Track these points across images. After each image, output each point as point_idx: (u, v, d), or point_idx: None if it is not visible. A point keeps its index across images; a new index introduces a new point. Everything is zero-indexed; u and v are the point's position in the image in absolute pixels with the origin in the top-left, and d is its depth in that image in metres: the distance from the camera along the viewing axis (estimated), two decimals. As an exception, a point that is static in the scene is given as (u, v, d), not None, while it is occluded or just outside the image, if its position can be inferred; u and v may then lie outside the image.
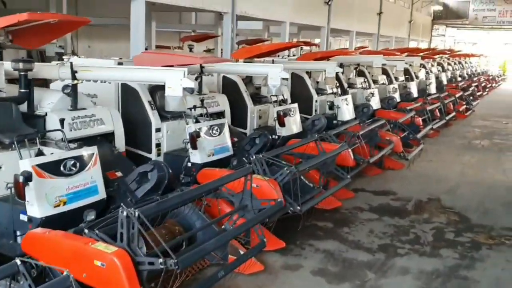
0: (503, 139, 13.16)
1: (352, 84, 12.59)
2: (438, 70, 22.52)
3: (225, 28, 12.19)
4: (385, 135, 9.09)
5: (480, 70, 34.05)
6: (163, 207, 3.70)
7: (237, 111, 8.00)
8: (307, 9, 16.99)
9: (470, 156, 10.85)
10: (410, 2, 30.79)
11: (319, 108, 10.14)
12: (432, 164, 10.00)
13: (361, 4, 22.00)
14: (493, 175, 9.28)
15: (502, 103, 22.43)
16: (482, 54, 39.57)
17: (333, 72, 8.84)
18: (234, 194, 4.78)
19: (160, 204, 3.64)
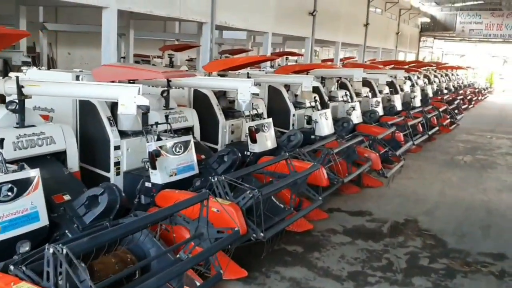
0: (486, 155, 12.96)
1: (334, 97, 12.36)
2: (424, 83, 22.44)
3: (203, 38, 11.90)
4: (363, 152, 8.81)
5: (467, 82, 34.18)
6: (96, 243, 3.34)
7: (208, 126, 7.68)
8: (291, 20, 16.78)
9: (451, 173, 10.61)
10: (397, 14, 30.84)
11: (296, 122, 9.85)
12: (412, 181, 9.74)
13: (347, 15, 21.89)
14: (473, 194, 9.03)
15: (487, 117, 22.36)
16: (469, 66, 39.81)
17: (310, 86, 8.56)
18: (190, 221, 4.43)
19: (93, 240, 3.28)
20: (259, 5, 14.38)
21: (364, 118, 12.46)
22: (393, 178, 9.59)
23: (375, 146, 9.26)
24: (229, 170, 6.46)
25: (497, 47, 51.24)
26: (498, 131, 17.73)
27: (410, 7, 30.66)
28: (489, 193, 9.15)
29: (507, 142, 15.22)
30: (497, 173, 10.91)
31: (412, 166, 11.05)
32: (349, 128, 10.72)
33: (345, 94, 12.23)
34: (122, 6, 9.10)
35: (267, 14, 14.99)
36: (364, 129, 11.16)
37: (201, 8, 11.48)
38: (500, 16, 34.96)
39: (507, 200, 8.83)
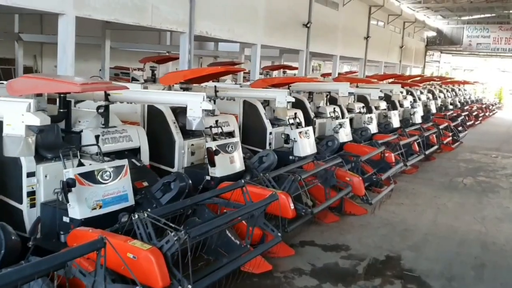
0: (489, 177, 11.89)
1: (321, 114, 11.47)
2: (427, 98, 21.44)
3: (181, 49, 11.07)
4: (344, 175, 7.85)
5: (474, 97, 33.03)
6: None
7: (163, 146, 6.80)
8: (283, 31, 15.96)
9: (448, 198, 9.57)
10: (401, 27, 29.94)
11: (274, 141, 8.93)
12: (402, 208, 8.72)
13: (346, 28, 21.04)
14: (469, 224, 7.99)
15: (494, 134, 21.22)
16: (477, 81, 38.66)
17: (284, 101, 7.65)
18: (86, 273, 3.50)
19: None
20: (246, 15, 13.59)
21: (354, 136, 11.53)
22: (381, 203, 8.61)
23: (359, 168, 8.28)
24: (176, 199, 5.56)
25: (508, 62, 50.09)
26: (504, 149, 16.62)
27: (415, 20, 29.75)
28: (487, 223, 8.10)
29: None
30: (499, 198, 9.84)
31: (404, 190, 10.04)
32: (334, 147, 9.78)
33: (333, 110, 11.30)
34: (81, 13, 8.32)
35: (256, 25, 14.18)
36: (352, 148, 10.22)
37: (177, 16, 10.69)
38: (508, 30, 33.87)
39: (507, 231, 7.76)
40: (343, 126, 10.77)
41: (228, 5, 12.62)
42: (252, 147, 8.79)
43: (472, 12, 32.55)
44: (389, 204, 8.85)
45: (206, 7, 11.47)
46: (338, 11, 20.04)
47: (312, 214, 6.16)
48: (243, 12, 13.40)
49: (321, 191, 7.55)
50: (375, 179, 8.22)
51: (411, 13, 29.61)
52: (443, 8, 30.49)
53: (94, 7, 8.56)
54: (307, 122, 10.66)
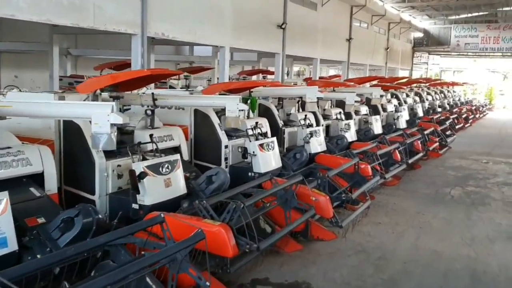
0: (479, 186, 10.78)
1: (292, 122, 10.31)
2: (414, 101, 20.39)
3: (133, 53, 9.90)
4: (308, 194, 6.68)
5: (464, 99, 32.07)
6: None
7: (82, 168, 5.60)
8: (255, 33, 14.87)
9: (432, 215, 8.44)
10: (386, 28, 28.96)
11: (231, 156, 7.74)
12: (379, 229, 7.58)
13: (326, 29, 19.97)
14: (456, 248, 6.84)
15: (485, 137, 20.18)
16: (466, 82, 37.80)
17: (235, 110, 6.48)
18: None
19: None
20: (210, 15, 12.47)
21: (329, 146, 10.38)
22: (355, 223, 7.47)
23: (326, 185, 7.12)
24: (82, 239, 4.37)
25: (497, 62, 49.37)
26: (495, 154, 15.55)
27: (400, 21, 28.77)
28: (477, 245, 6.96)
29: (505, 168, 13.04)
30: (490, 212, 8.72)
31: (384, 205, 8.91)
32: (302, 160, 8.62)
33: (305, 117, 10.14)
34: (1, 13, 7.12)
35: (222, 26, 13.06)
36: (324, 159, 9.11)
37: (126, 16, 9.55)
38: (496, 29, 33.01)
39: (500, 255, 6.63)
40: (315, 135, 9.62)
41: (188, 4, 11.50)
42: (205, 164, 7.62)
43: (459, 11, 31.70)
44: (364, 224, 7.71)
45: (161, 6, 10.35)
46: (316, 11, 18.97)
47: (259, 250, 4.97)
48: (206, 12, 12.28)
49: (280, 215, 6.40)
50: (344, 198, 7.04)
51: (396, 13, 28.65)
52: (429, 8, 29.60)
53: (18, 6, 7.38)
54: (275, 131, 9.54)
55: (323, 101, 12.74)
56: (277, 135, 9.63)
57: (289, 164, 8.38)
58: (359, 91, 12.26)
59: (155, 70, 6.23)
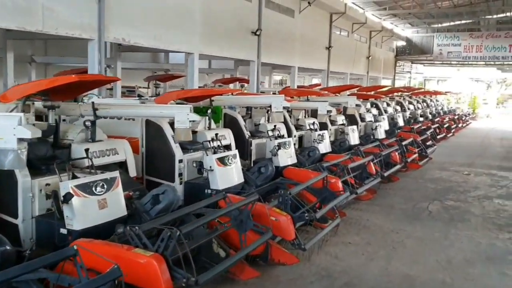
0: (459, 200, 10.22)
1: (260, 133, 9.69)
2: (395, 110, 19.93)
3: (89, 59, 9.21)
4: (265, 215, 6.03)
5: (447, 108, 31.80)
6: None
7: (2, 189, 4.87)
8: (228, 39, 14.27)
9: (407, 233, 7.83)
10: (368, 36, 28.62)
11: (186, 171, 7.06)
12: (348, 250, 6.94)
13: (304, 37, 19.46)
14: (431, 272, 6.22)
15: (467, 147, 19.75)
16: (449, 91, 37.66)
17: (186, 121, 5.83)
18: None
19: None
20: (178, 20, 11.83)
21: (300, 158, 9.76)
22: (323, 244, 6.84)
23: (288, 203, 6.45)
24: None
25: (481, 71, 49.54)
26: (477, 165, 15.07)
27: (382, 29, 28.45)
28: (454, 269, 6.35)
29: (486, 180, 12.52)
30: (470, 229, 8.13)
31: (356, 222, 8.30)
32: (268, 174, 7.97)
33: (274, 127, 9.50)
34: None
35: (191, 32, 12.42)
36: (292, 173, 8.47)
37: (81, 20, 8.87)
38: (479, 37, 32.91)
39: (478, 281, 6.03)
40: (283, 147, 9.00)
41: (152, 7, 10.85)
42: (158, 180, 6.93)
43: (441, 19, 31.54)
44: (333, 244, 7.08)
45: (122, 9, 9.70)
46: (294, 18, 18.46)
47: (197, 284, 4.27)
48: (173, 17, 11.65)
49: (234, 238, 5.75)
50: (307, 218, 6.38)
51: (378, 21, 28.33)
52: (411, 16, 29.36)
53: None
54: (242, 143, 8.91)
55: (296, 110, 12.20)
56: (243, 147, 9.03)
57: (252, 179, 7.73)
58: (333, 100, 11.71)
59: (83, 76, 5.54)
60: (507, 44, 32.13)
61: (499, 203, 9.99)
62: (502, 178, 12.86)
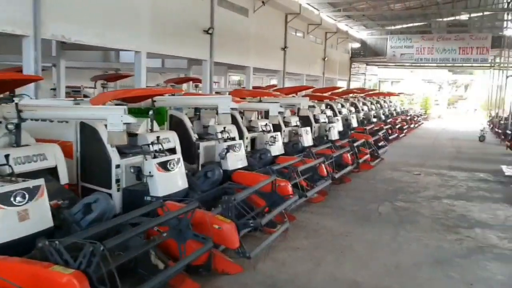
0: (409, 200, 10.24)
1: (209, 135, 9.33)
2: (349, 111, 20.06)
3: (24, 57, 8.58)
4: (211, 221, 5.72)
5: (401, 109, 32.47)
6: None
7: None
8: (179, 38, 13.85)
9: (356, 236, 7.70)
10: (323, 38, 28.78)
11: (124, 177, 6.62)
12: (296, 255, 6.72)
13: (259, 36, 19.24)
14: (378, 277, 6.07)
15: (418, 147, 20.13)
16: (402, 92, 38.51)
17: (119, 123, 5.40)
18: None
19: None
20: (123, 17, 11.31)
21: (252, 161, 9.49)
22: (270, 250, 6.58)
23: (233, 210, 6.15)
24: None
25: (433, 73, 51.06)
26: (428, 165, 15.30)
27: (337, 30, 28.69)
28: (401, 273, 6.24)
29: (436, 180, 12.68)
30: (418, 231, 8.09)
31: (306, 226, 8.11)
32: (215, 179, 7.65)
33: (223, 129, 9.18)
34: None
35: (138, 29, 11.93)
36: (242, 177, 8.19)
37: (13, 15, 8.24)
38: (430, 40, 33.80)
39: (426, 285, 5.94)
40: (233, 150, 8.69)
41: (94, 3, 10.30)
42: (94, 187, 6.46)
43: (395, 22, 32.19)
44: (281, 250, 6.85)
45: (60, 4, 9.12)
46: (248, 17, 18.21)
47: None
48: (118, 14, 11.13)
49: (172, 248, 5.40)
50: (252, 225, 6.11)
51: (333, 23, 28.54)
52: (365, 18, 29.77)
53: None
54: (188, 146, 8.53)
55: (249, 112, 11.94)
56: (190, 150, 8.67)
57: (197, 184, 7.38)
58: (286, 101, 11.52)
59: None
60: (457, 47, 33.14)
61: (447, 203, 10.08)
62: (452, 178, 13.07)
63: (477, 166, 15.09)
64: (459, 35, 33.19)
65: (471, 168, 14.56)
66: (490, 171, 14.11)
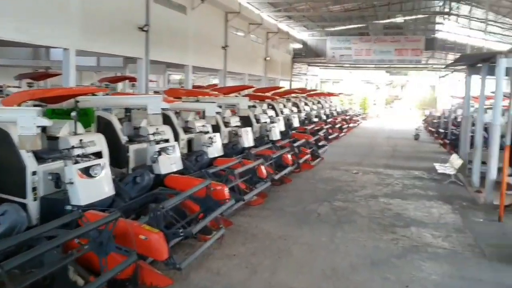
0: (347, 200, 10.24)
1: (140, 137, 8.84)
2: (291, 111, 20.06)
3: None
4: (137, 232, 5.29)
5: (341, 109, 33.09)
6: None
7: None
8: (112, 35, 13.19)
9: (294, 239, 7.52)
10: (265, 38, 28.75)
11: (42, 185, 6.03)
12: (232, 263, 6.43)
13: (198, 35, 18.80)
14: (316, 282, 5.90)
15: (357, 146, 20.48)
16: (342, 92, 39.34)
17: (32, 126, 4.86)
18: None
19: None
20: (48, 11, 10.55)
21: (187, 164, 9.09)
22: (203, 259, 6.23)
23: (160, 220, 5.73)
24: None
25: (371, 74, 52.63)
26: (365, 163, 15.53)
27: (278, 31, 28.75)
28: (338, 277, 6.09)
29: (373, 179, 12.84)
30: (356, 231, 8.04)
31: (244, 230, 7.84)
32: (144, 184, 7.19)
33: (156, 131, 8.70)
34: None
35: (66, 25, 11.18)
36: (175, 182, 7.78)
37: None
38: (368, 42, 34.72)
39: (362, 289, 5.83)
40: (166, 152, 8.25)
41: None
42: (6, 196, 5.83)
43: (334, 23, 32.73)
44: (216, 258, 6.54)
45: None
46: (186, 15, 17.72)
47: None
48: (44, 7, 10.35)
49: (93, 262, 4.93)
50: (182, 234, 5.73)
51: (274, 23, 28.57)
52: (305, 18, 30.04)
53: None
54: (116, 150, 8.01)
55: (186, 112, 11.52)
56: (119, 154, 8.15)
57: (125, 190, 6.90)
58: (224, 101, 11.20)
59: None
60: (393, 49, 34.27)
61: (384, 202, 10.16)
62: (388, 176, 13.29)
63: (412, 164, 15.49)
64: (395, 37, 34.32)
65: (406, 166, 14.93)
66: (424, 168, 14.51)
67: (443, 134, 21.00)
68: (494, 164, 9.93)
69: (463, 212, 9.44)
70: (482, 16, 24.80)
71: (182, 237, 5.78)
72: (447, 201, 10.35)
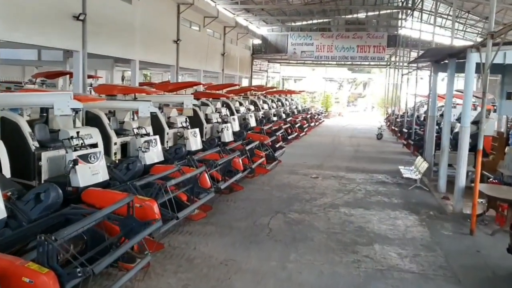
0: (304, 211, 9.09)
1: (56, 142, 7.38)
2: (247, 110, 18.85)
3: None
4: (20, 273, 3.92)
5: (302, 107, 32.18)
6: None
7: None
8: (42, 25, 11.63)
9: (239, 264, 6.30)
10: (222, 32, 27.38)
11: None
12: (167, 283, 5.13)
13: (146, 27, 17.25)
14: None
15: (318, 147, 19.47)
16: (304, 90, 38.53)
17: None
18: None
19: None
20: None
21: (116, 173, 7.71)
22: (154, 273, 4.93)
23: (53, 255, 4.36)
24: None
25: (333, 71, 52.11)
26: (326, 166, 14.51)
27: (236, 25, 27.44)
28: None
29: (334, 184, 11.78)
30: (312, 252, 6.89)
31: (179, 254, 6.60)
32: (49, 203, 5.74)
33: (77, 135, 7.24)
34: None
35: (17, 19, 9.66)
36: (93, 197, 6.38)
37: None
38: (330, 37, 33.89)
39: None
40: (87, 160, 6.85)
41: None
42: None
43: (294, 18, 31.70)
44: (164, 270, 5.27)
45: None
46: (132, 4, 16.16)
47: None
48: None
49: None
50: (80, 274, 4.35)
51: (231, 16, 27.24)
52: (264, 12, 28.86)
53: None
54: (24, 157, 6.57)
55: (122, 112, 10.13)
56: (28, 162, 6.70)
57: (25, 211, 5.47)
58: (164, 99, 9.84)
59: None
60: (355, 45, 33.58)
61: (345, 212, 9.10)
62: (350, 181, 12.28)
63: (375, 166, 14.58)
64: (357, 33, 33.64)
65: (369, 169, 13.99)
66: (388, 171, 13.61)
67: (406, 134, 20.29)
68: (464, 170, 9.03)
69: (431, 224, 8.48)
70: (446, 12, 24.28)
71: (82, 278, 4.40)
72: (413, 210, 9.39)
